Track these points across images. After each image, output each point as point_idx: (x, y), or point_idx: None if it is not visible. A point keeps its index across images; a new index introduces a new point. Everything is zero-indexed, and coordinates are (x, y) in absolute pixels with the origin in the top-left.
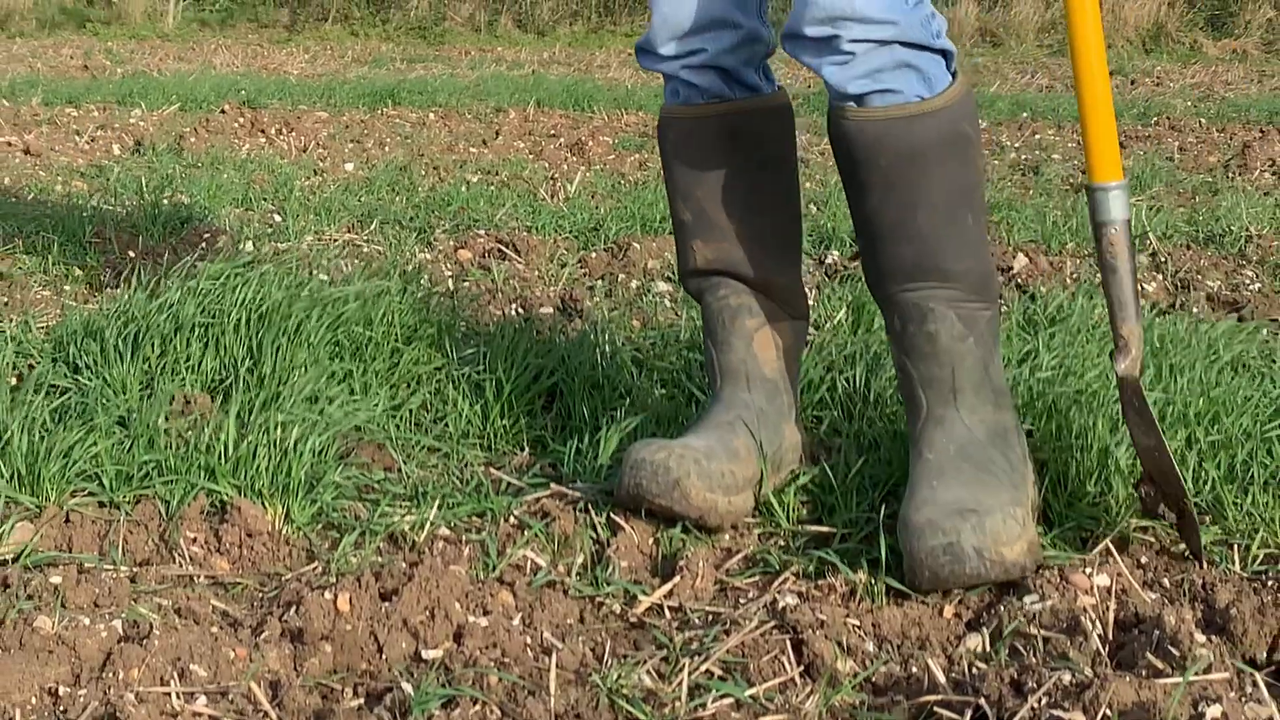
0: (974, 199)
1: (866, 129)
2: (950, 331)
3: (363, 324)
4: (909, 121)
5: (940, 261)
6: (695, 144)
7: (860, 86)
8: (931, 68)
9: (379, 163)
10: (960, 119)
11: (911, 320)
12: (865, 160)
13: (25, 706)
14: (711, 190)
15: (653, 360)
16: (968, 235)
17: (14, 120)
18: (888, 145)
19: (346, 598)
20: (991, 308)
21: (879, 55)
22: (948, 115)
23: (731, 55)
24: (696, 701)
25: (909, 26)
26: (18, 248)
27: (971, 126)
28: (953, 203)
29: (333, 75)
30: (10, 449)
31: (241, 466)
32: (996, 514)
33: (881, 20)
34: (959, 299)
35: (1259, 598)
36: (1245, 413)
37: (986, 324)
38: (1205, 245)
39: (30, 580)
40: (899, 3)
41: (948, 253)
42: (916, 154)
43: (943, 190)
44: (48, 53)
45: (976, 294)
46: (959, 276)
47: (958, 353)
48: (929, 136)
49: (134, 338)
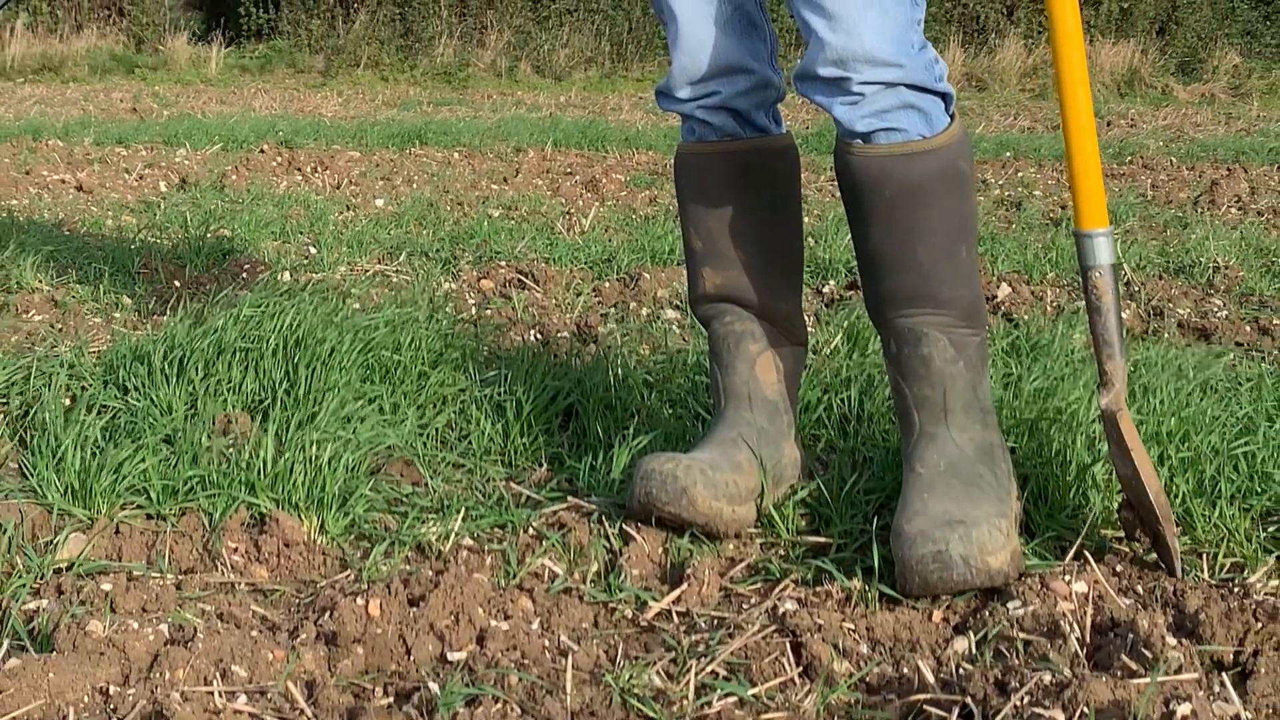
0: (968, 232)
1: (871, 164)
2: (943, 355)
3: (392, 349)
4: (910, 158)
5: (936, 290)
6: (708, 178)
7: (867, 125)
8: (933, 109)
9: (407, 199)
10: (957, 157)
11: (907, 344)
12: (869, 193)
13: (78, 705)
14: (721, 222)
15: (662, 383)
16: (961, 266)
17: (68, 159)
18: (891, 180)
19: (377, 603)
20: (980, 333)
21: (886, 96)
22: (947, 153)
23: (744, 98)
24: (702, 700)
25: (914, 70)
26: (71, 278)
27: (967, 164)
28: (949, 235)
29: (364, 117)
30: (64, 465)
31: (279, 481)
32: (982, 525)
33: (890, 64)
34: (951, 325)
35: (1226, 603)
36: (1213, 431)
37: (975, 349)
38: (1176, 275)
39: (83, 587)
40: (906, 47)
41: (943, 282)
42: (917, 189)
43: (940, 223)
44: (99, 96)
45: (967, 320)
46: (952, 304)
47: (949, 375)
48: (929, 172)
49: (179, 361)
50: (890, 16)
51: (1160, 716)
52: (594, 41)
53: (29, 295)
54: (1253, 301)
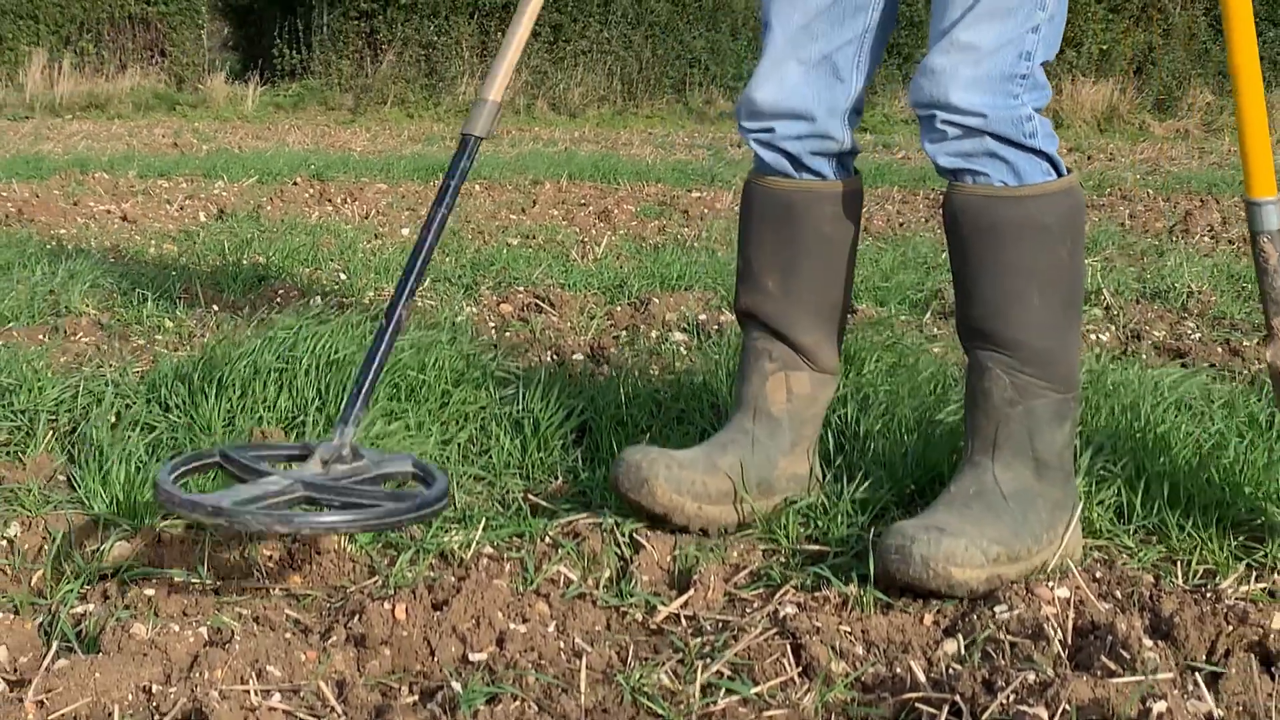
0: (1045, 283)
1: (954, 201)
2: (1002, 393)
3: (417, 369)
4: (987, 201)
5: (1000, 328)
6: (755, 206)
7: (950, 162)
8: (1023, 163)
9: None
10: (1043, 212)
11: (973, 372)
12: (951, 228)
13: (123, 702)
14: (759, 249)
15: (670, 401)
16: (1032, 313)
17: (113, 191)
18: (967, 218)
19: (403, 608)
20: (1056, 391)
21: (969, 141)
22: (1031, 205)
23: (798, 143)
24: (708, 699)
25: (998, 121)
26: (116, 302)
27: (1056, 221)
28: (1018, 281)
29: (391, 152)
30: (110, 478)
31: None
32: (962, 539)
33: (971, 111)
34: (1016, 367)
35: (1199, 608)
36: (1187, 446)
37: (1046, 402)
38: (1152, 300)
39: (127, 592)
40: (993, 100)
41: (1008, 323)
42: (989, 232)
43: (1010, 267)
44: (142, 132)
45: (1036, 370)
46: (1018, 347)
47: (1004, 414)
48: (1003, 219)
49: (218, 381)
50: (984, 68)
51: (1138, 714)
52: (606, 81)
53: (77, 319)
54: (1224, 324)
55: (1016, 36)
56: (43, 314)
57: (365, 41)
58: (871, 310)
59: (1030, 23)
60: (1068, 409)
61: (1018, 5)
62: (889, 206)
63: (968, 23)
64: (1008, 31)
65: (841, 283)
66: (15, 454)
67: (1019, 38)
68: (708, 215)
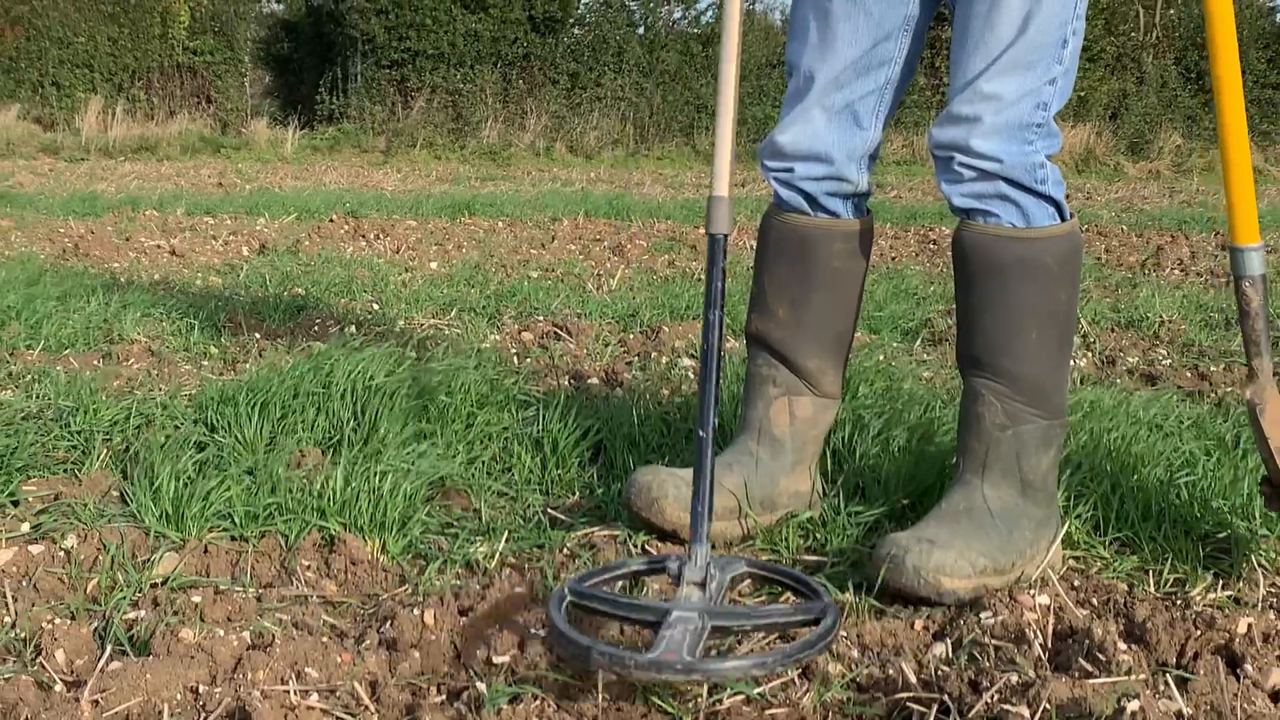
0: (1042, 320)
1: (965, 239)
2: (994, 418)
3: (444, 392)
4: (995, 241)
5: (997, 359)
6: (770, 241)
7: (964, 203)
8: (1032, 207)
9: (458, 262)
10: (1046, 254)
11: (968, 397)
12: (960, 263)
13: (171, 702)
14: (772, 279)
15: (679, 421)
16: (1029, 347)
17: (163, 227)
18: (975, 255)
19: (432, 613)
20: (1044, 418)
21: (983, 184)
22: (1036, 247)
23: (815, 184)
24: (714, 698)
25: (1013, 167)
26: (166, 330)
27: (1057, 263)
28: (1019, 316)
29: (420, 191)
30: (160, 493)
31: (347, 508)
32: (952, 551)
33: (988, 157)
34: (1008, 396)
35: (1170, 614)
36: (1159, 464)
37: (1034, 428)
38: (1126, 328)
39: (175, 599)
40: (1011, 147)
41: (1005, 354)
42: (996, 269)
43: (1012, 304)
44: (190, 173)
45: (1027, 399)
46: (1012, 378)
47: (995, 437)
48: (1009, 258)
49: (260, 404)
50: (1004, 116)
51: (1113, 712)
52: (620, 125)
53: (129, 345)
54: (1193, 351)
55: (1035, 88)
56: (98, 341)
57: (396, 89)
58: (866, 338)
59: (1048, 75)
60: (1054, 434)
61: (1038, 59)
62: (882, 242)
63: (991, 74)
64: (1028, 83)
65: (849, 314)
66: (72, 471)
67: (1037, 89)
68: None
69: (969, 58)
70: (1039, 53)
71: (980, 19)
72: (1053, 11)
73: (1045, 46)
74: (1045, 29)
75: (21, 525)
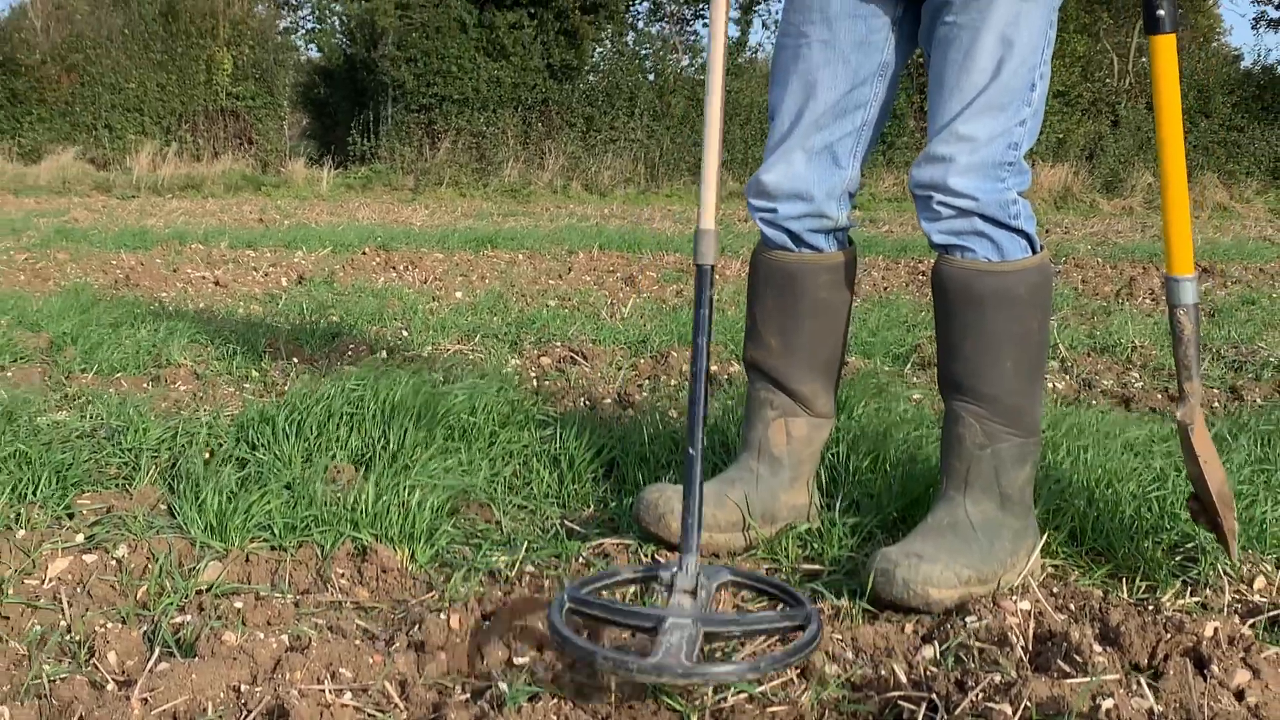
0: (1016, 346)
1: (943, 272)
2: (973, 438)
3: (469, 413)
4: (973, 274)
5: (976, 384)
6: (760, 276)
7: (942, 239)
8: (1005, 241)
9: (481, 292)
10: (1018, 285)
11: (949, 420)
12: (939, 295)
13: (215, 700)
14: (763, 312)
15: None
16: (1004, 373)
17: (207, 259)
18: (953, 288)
19: (457, 618)
20: (1020, 437)
21: (961, 221)
22: (1009, 279)
23: (798, 221)
24: (719, 696)
25: (988, 205)
26: (210, 355)
27: (1029, 293)
28: (995, 343)
29: (446, 226)
30: (205, 507)
31: (378, 520)
32: (939, 564)
33: (964, 195)
34: (986, 417)
35: (1141, 618)
36: (1132, 480)
37: (1010, 446)
38: (1101, 353)
39: (219, 605)
40: (985, 185)
41: (983, 379)
42: (973, 300)
43: (989, 331)
44: (233, 209)
45: (1005, 420)
46: (989, 401)
47: (975, 456)
48: (986, 290)
49: (298, 423)
50: (978, 156)
51: (1089, 710)
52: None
53: (176, 369)
54: (1163, 374)
55: (1007, 129)
56: (146, 365)
57: (424, 131)
58: (859, 362)
59: (1019, 117)
60: (1029, 451)
61: (1009, 102)
62: (874, 273)
63: (966, 117)
64: (999, 125)
65: (837, 340)
66: (123, 486)
67: (1009, 130)
68: (719, 281)
69: (945, 101)
70: (1010, 95)
71: (955, 65)
72: (1022, 58)
73: (1016, 90)
74: (1016, 74)
75: (76, 536)
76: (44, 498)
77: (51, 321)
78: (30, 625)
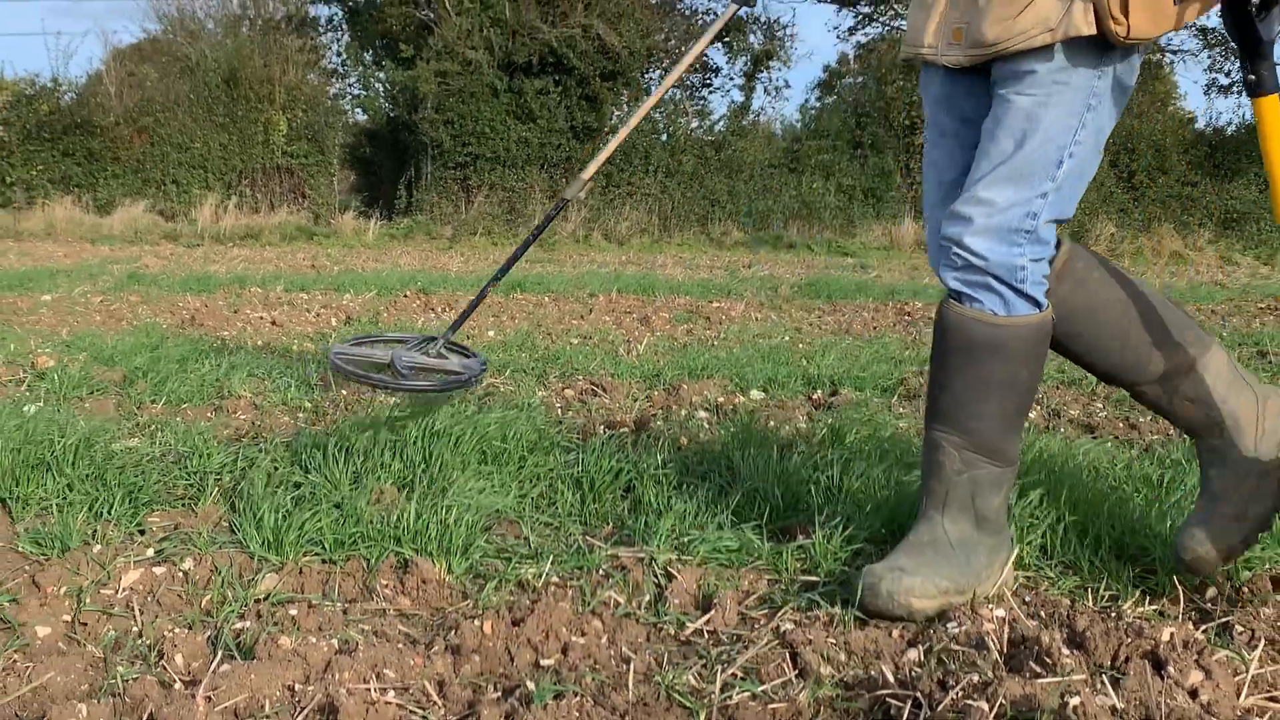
0: (1004, 391)
1: (947, 315)
2: (952, 465)
3: (500, 439)
4: (973, 323)
5: (960, 418)
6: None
7: (955, 285)
8: (1013, 300)
9: (511, 331)
10: (1013, 340)
11: (930, 447)
12: (939, 334)
13: (272, 698)
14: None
15: (695, 464)
16: (988, 412)
17: (265, 301)
18: (952, 332)
19: (489, 624)
20: (997, 467)
21: (973, 273)
22: (1005, 333)
23: None
24: (725, 695)
25: (997, 266)
26: (267, 387)
27: (1023, 347)
28: (983, 386)
29: (480, 271)
30: (263, 524)
31: (419, 536)
32: (919, 577)
33: (975, 254)
34: (966, 448)
35: (1105, 624)
36: (1097, 499)
37: (987, 473)
38: (1069, 386)
39: (275, 612)
40: (998, 248)
41: (967, 415)
42: (969, 346)
43: (977, 376)
44: (287, 256)
45: (982, 452)
46: (971, 434)
47: (953, 481)
48: (982, 339)
49: (346, 449)
50: (995, 220)
51: (1058, 707)
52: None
53: (237, 400)
54: (1125, 405)
55: (1025, 200)
56: (210, 397)
57: (460, 186)
58: (851, 394)
59: (1039, 190)
60: (1005, 478)
61: (1031, 174)
62: (865, 314)
63: (987, 183)
64: (1019, 195)
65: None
66: (189, 505)
67: (1027, 200)
68: (725, 321)
69: (977, 164)
70: (1032, 168)
71: (989, 133)
72: (1049, 135)
73: (1038, 164)
74: (1040, 149)
75: (147, 550)
76: (118, 516)
77: (125, 357)
78: (105, 631)
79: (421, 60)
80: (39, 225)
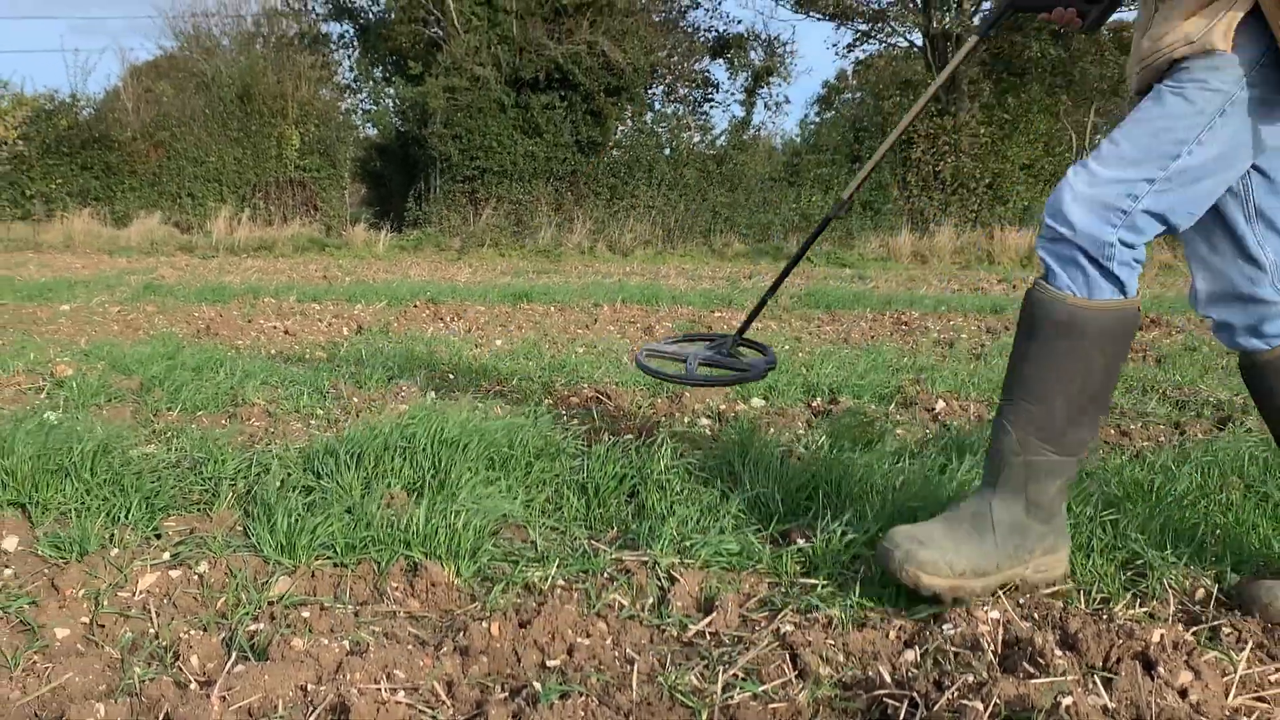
0: (1070, 376)
1: (1032, 293)
2: (1010, 446)
3: (507, 446)
4: (1051, 303)
5: (1024, 400)
6: None
7: (1044, 256)
8: (1096, 279)
9: (519, 340)
10: (1086, 324)
11: (996, 423)
12: (1021, 313)
13: (285, 698)
14: None
15: (697, 470)
16: (1053, 397)
17: (278, 311)
18: (1031, 309)
19: (496, 626)
20: (1055, 454)
21: (1061, 246)
22: (1085, 315)
23: None
24: (726, 695)
25: (1085, 238)
26: (280, 395)
27: (1097, 333)
28: (1052, 369)
29: (487, 282)
30: (276, 528)
31: (428, 540)
32: (935, 551)
33: (1069, 222)
34: (1026, 431)
35: (1097, 626)
36: (1089, 505)
37: (1044, 461)
38: None
39: (288, 614)
40: (1087, 219)
41: (1031, 398)
42: (1043, 325)
43: (1047, 359)
44: (300, 268)
45: (1045, 436)
46: (1034, 417)
47: (1008, 461)
48: (1055, 319)
49: (357, 455)
50: (1095, 190)
51: (1051, 706)
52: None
53: (250, 408)
54: (1115, 412)
55: (1129, 180)
56: (224, 404)
57: (468, 199)
58: (850, 402)
59: (1146, 174)
60: (1064, 468)
61: (1144, 158)
62: (863, 324)
63: (1101, 155)
64: (1124, 173)
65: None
66: (204, 510)
67: (1131, 182)
68: (727, 330)
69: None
70: (1146, 153)
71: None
72: (1172, 125)
73: (1153, 150)
74: (1159, 135)
75: (163, 554)
76: (135, 520)
77: (141, 366)
78: (123, 633)
79: (430, 76)
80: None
